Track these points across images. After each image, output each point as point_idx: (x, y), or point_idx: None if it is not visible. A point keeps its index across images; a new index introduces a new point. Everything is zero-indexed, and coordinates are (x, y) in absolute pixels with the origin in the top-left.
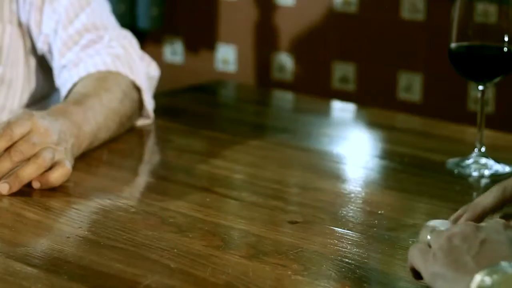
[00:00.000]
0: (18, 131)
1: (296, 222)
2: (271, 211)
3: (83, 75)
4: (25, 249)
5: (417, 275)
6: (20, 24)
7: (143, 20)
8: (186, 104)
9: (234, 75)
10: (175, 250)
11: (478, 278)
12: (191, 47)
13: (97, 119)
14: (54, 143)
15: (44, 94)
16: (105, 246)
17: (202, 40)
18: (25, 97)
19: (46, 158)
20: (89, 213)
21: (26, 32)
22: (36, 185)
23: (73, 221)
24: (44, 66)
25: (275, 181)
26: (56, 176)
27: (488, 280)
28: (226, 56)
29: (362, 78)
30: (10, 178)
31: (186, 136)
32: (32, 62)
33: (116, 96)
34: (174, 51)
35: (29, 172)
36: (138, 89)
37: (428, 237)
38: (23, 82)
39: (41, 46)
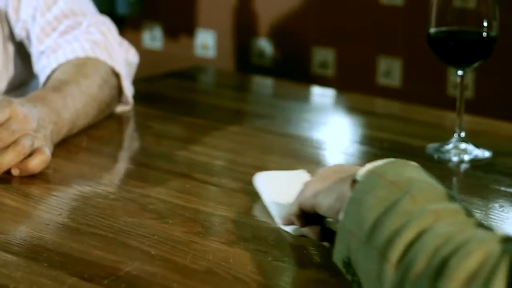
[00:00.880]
0: None
1: None
2: (251, 197)
3: (62, 62)
4: (4, 236)
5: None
6: None
7: (122, 6)
8: (165, 90)
9: (214, 60)
10: (155, 236)
11: (366, 167)
12: (170, 33)
13: (76, 106)
14: (33, 130)
15: (22, 80)
16: (85, 233)
17: (181, 25)
18: (3, 84)
19: (25, 145)
20: (68, 200)
21: (3, 18)
22: (15, 172)
23: (53, 208)
24: (22, 53)
25: (255, 167)
26: (36, 163)
27: (378, 163)
28: (205, 42)
29: (341, 63)
30: None
31: (166, 122)
32: (10, 48)
33: (95, 82)
34: (153, 37)
35: (8, 159)
36: (117, 75)
37: None
38: (1, 69)
39: (19, 33)
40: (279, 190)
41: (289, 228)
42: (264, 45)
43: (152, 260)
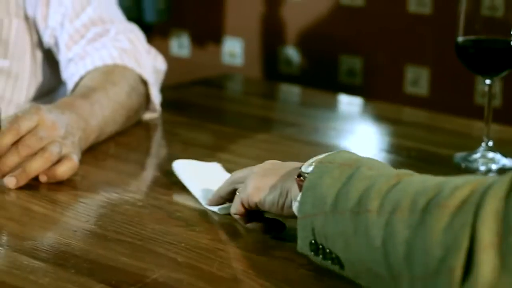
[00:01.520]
0: (25, 125)
1: None
2: None
3: (90, 69)
4: (32, 242)
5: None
6: (26, 18)
7: (150, 13)
8: (192, 98)
9: (241, 68)
10: (182, 244)
11: (310, 161)
12: (198, 41)
13: (104, 113)
14: (61, 136)
15: (50, 87)
16: (112, 239)
17: (208, 33)
18: (32, 91)
19: (53, 152)
20: (96, 206)
21: (32, 25)
22: (43, 179)
23: (80, 215)
24: (50, 60)
25: None
26: (63, 170)
27: (322, 155)
28: (232, 50)
29: (369, 71)
30: (17, 172)
31: (193, 129)
32: (39, 55)
33: (123, 89)
34: (180, 45)
35: (36, 166)
36: (144, 83)
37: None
38: (29, 76)
39: (47, 40)
40: (198, 176)
41: (215, 208)
42: (292, 53)
43: (179, 267)
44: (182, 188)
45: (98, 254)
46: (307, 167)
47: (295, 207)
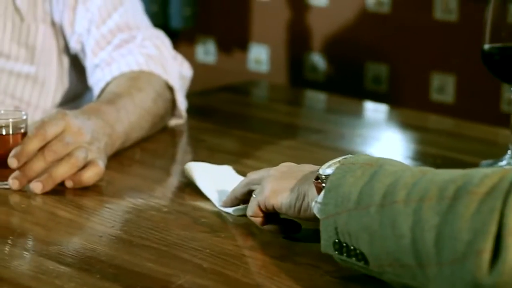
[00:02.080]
0: (52, 131)
1: None
2: None
3: (116, 75)
4: (58, 247)
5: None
6: (53, 23)
7: (176, 19)
8: (218, 104)
9: (267, 75)
10: (208, 250)
11: (327, 164)
12: (224, 47)
13: (130, 119)
14: (87, 142)
15: (77, 93)
16: (138, 245)
17: (234, 40)
18: (58, 96)
19: (79, 157)
20: (121, 212)
21: (59, 31)
22: (69, 184)
23: (106, 220)
24: (77, 66)
25: None
26: (89, 176)
27: (339, 158)
28: (258, 56)
29: (394, 78)
30: (43, 177)
31: (219, 136)
32: (65, 61)
33: (149, 95)
34: (206, 51)
35: (62, 172)
36: (171, 89)
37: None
38: (56, 81)
39: (74, 46)
40: (211, 178)
41: (229, 210)
42: (317, 59)
43: (204, 274)
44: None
45: (124, 260)
46: (325, 170)
47: (316, 209)
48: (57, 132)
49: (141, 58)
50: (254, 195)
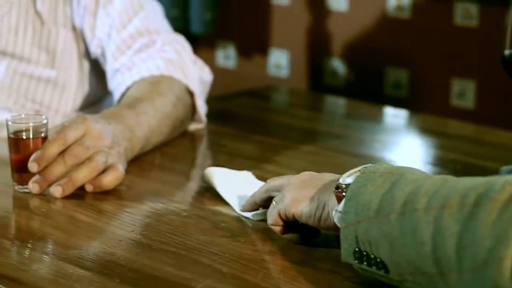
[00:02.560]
0: (72, 135)
1: None
2: None
3: (136, 79)
4: (78, 251)
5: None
6: (74, 28)
7: (196, 24)
8: (238, 109)
9: (287, 80)
10: (227, 254)
11: (348, 172)
12: (244, 52)
13: (150, 123)
14: (108, 146)
15: (97, 97)
16: (157, 249)
17: (254, 44)
18: (79, 101)
19: (99, 161)
20: (141, 216)
21: (79, 36)
22: (89, 188)
23: (126, 225)
24: (97, 70)
25: None
26: (109, 180)
27: (359, 167)
28: (278, 61)
29: (414, 84)
30: (63, 181)
31: (238, 140)
32: (86, 65)
33: (169, 100)
34: (226, 56)
35: (82, 176)
36: (191, 94)
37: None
38: (76, 86)
39: (94, 50)
40: (231, 183)
41: (248, 214)
42: (337, 65)
43: (224, 278)
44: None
45: (143, 264)
46: (345, 179)
47: (336, 218)
48: (78, 136)
49: (162, 63)
50: (274, 202)
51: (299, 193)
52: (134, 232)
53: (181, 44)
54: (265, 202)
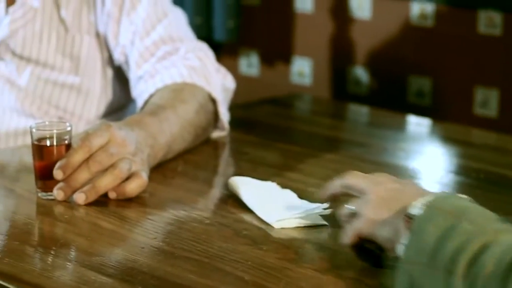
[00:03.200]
0: (97, 142)
1: None
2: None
3: (159, 87)
4: (100, 258)
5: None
6: (97, 35)
7: (219, 32)
8: (261, 117)
9: (310, 88)
10: (249, 262)
11: (419, 201)
12: (267, 60)
13: (172, 130)
14: (131, 153)
15: (120, 104)
16: (179, 257)
17: (277, 52)
18: (102, 107)
19: (123, 169)
20: (164, 223)
21: (103, 42)
22: (112, 195)
23: (148, 232)
24: (121, 77)
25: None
26: (133, 187)
27: (429, 196)
28: (301, 69)
29: (438, 92)
30: (87, 188)
31: (261, 148)
32: (109, 72)
33: (191, 107)
34: (249, 64)
35: (106, 183)
36: (213, 101)
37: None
38: (100, 92)
39: (118, 57)
40: (256, 192)
41: (271, 222)
42: (360, 73)
43: (246, 286)
44: (249, 207)
45: (165, 271)
46: (414, 209)
47: (399, 249)
48: (102, 143)
49: (184, 70)
50: (347, 207)
51: (375, 213)
52: (157, 240)
53: (204, 51)
54: (338, 197)
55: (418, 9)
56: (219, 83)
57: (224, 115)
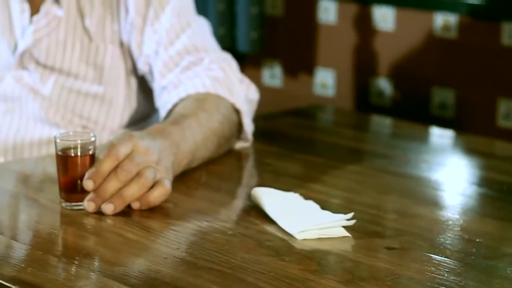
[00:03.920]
0: (123, 151)
1: (393, 248)
2: (368, 237)
3: (183, 96)
4: (123, 268)
5: None
6: (121, 44)
7: (243, 43)
8: (284, 128)
9: (332, 99)
10: (272, 273)
11: None
12: (290, 71)
13: (195, 138)
14: (155, 162)
15: (144, 114)
16: (202, 267)
17: (300, 64)
18: (126, 117)
19: (148, 177)
20: (187, 234)
21: (127, 52)
22: (136, 206)
23: (171, 242)
24: (144, 87)
25: (372, 207)
26: (156, 196)
27: None
28: (324, 80)
29: (461, 104)
30: (114, 198)
31: (284, 159)
32: (133, 82)
33: (214, 117)
34: (273, 75)
35: (132, 192)
36: (237, 112)
37: None
38: (123, 102)
39: (141, 67)
40: (279, 203)
41: (294, 233)
42: (384, 85)
43: None
44: (271, 218)
45: (188, 282)
46: None
47: None
48: (127, 152)
49: (208, 81)
50: None
51: None
52: (180, 250)
53: (228, 62)
54: None
55: (442, 21)
56: (242, 94)
57: (248, 126)
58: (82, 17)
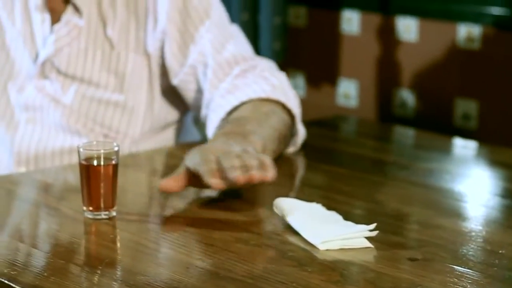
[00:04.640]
0: (216, 159)
1: (415, 259)
2: (390, 247)
3: (244, 100)
4: (145, 278)
5: None
6: (146, 54)
7: (266, 53)
8: (307, 138)
9: (355, 110)
10: (294, 284)
11: None
12: (313, 81)
13: (263, 134)
14: (241, 151)
15: (167, 122)
16: (224, 277)
17: (324, 74)
18: (147, 126)
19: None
20: (209, 244)
21: (153, 60)
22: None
23: (193, 252)
24: (168, 95)
25: (395, 217)
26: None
27: None
28: (347, 91)
29: (484, 115)
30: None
31: (307, 170)
32: (156, 90)
33: (276, 119)
34: (296, 85)
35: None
36: (292, 117)
37: None
38: (145, 110)
39: (182, 77)
40: (302, 213)
41: (317, 243)
42: (406, 95)
43: None
44: (294, 229)
45: None
46: None
47: None
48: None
49: (267, 87)
50: None
51: None
52: (202, 260)
53: (277, 70)
54: None
55: (465, 32)
56: (297, 101)
57: (301, 131)
58: (104, 25)
